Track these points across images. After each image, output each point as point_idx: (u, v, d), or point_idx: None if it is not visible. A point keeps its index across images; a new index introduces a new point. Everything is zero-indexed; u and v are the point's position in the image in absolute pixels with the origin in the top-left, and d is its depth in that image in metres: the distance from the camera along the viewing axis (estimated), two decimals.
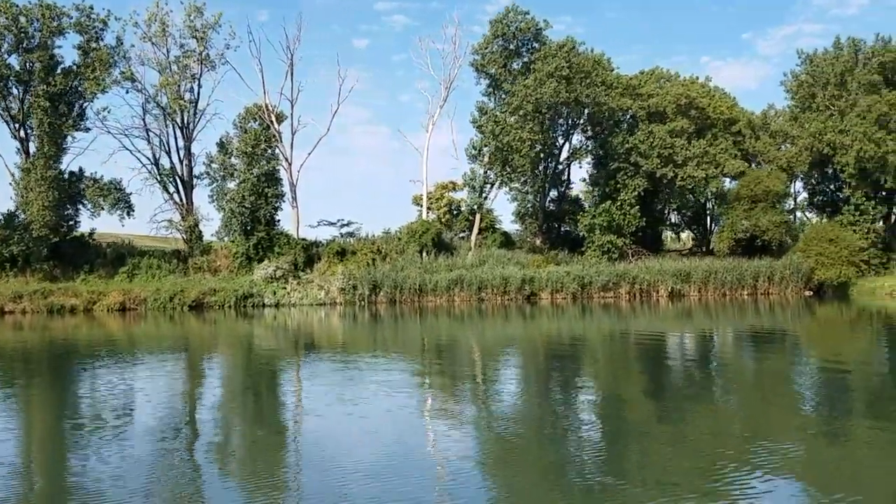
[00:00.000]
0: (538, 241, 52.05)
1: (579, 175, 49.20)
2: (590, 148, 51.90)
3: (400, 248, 45.55)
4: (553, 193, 55.13)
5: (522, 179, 54.06)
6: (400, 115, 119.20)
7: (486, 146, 45.13)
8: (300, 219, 45.91)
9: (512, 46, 46.18)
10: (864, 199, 45.54)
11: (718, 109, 51.23)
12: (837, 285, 44.17)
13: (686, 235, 64.45)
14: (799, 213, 54.26)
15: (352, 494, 7.08)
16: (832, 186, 51.35)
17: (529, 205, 53.59)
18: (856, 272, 43.72)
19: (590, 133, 52.63)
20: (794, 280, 44.42)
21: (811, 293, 44.57)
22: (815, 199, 53.61)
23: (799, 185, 55.63)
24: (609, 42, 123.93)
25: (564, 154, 53.30)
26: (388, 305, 40.62)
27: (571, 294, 42.65)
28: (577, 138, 53.78)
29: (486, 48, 45.69)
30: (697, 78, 52.84)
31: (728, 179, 51.59)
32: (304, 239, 45.69)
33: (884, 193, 47.97)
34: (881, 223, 50.57)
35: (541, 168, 53.27)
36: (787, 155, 49.14)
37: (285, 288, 40.43)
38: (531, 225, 53.51)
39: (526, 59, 46.09)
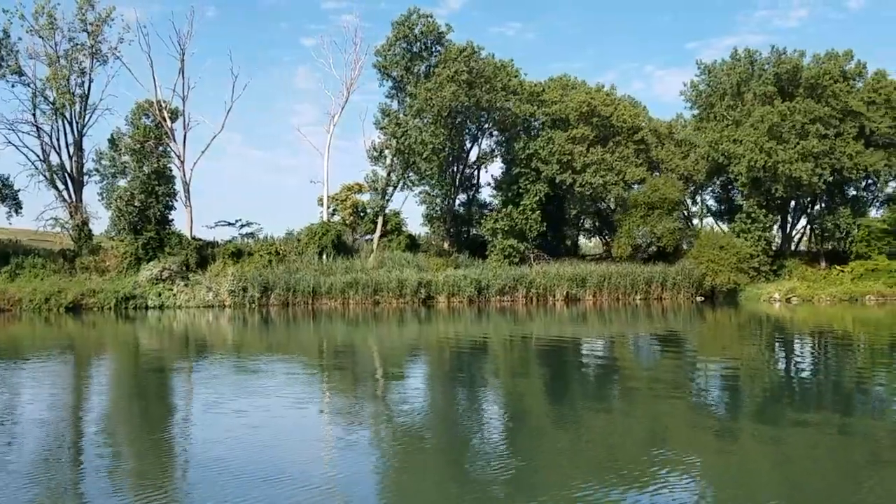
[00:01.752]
0: (446, 245, 52.06)
1: (491, 180, 49.77)
2: (496, 153, 52.19)
3: (299, 250, 44.87)
4: (463, 197, 55.29)
5: (431, 183, 54.11)
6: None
7: (386, 148, 44.82)
8: (193, 219, 44.75)
9: (415, 49, 46.02)
10: (756, 207, 46.88)
11: (622, 118, 52.14)
12: (728, 291, 45.40)
13: (596, 241, 65.57)
14: (697, 221, 55.56)
15: (245, 500, 6.69)
16: (729, 195, 52.82)
17: (437, 208, 53.56)
18: (745, 278, 44.99)
19: (498, 138, 52.95)
20: (686, 286, 45.45)
21: (702, 299, 45.67)
22: (715, 208, 55.12)
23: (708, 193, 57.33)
24: (558, 49, 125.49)
25: (473, 158, 53.48)
26: (280, 308, 39.84)
27: (468, 298, 42.66)
28: (487, 143, 54.10)
29: (388, 50, 45.42)
30: (603, 86, 53.74)
31: (637, 186, 52.58)
32: (198, 239, 44.55)
33: (779, 202, 49.50)
34: (775, 231, 52.30)
35: (449, 172, 53.38)
36: (685, 164, 50.36)
37: (171, 289, 39.27)
38: (439, 228, 53.48)
39: (429, 63, 45.98)
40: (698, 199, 57.05)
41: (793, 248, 54.13)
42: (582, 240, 67.01)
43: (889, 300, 37.28)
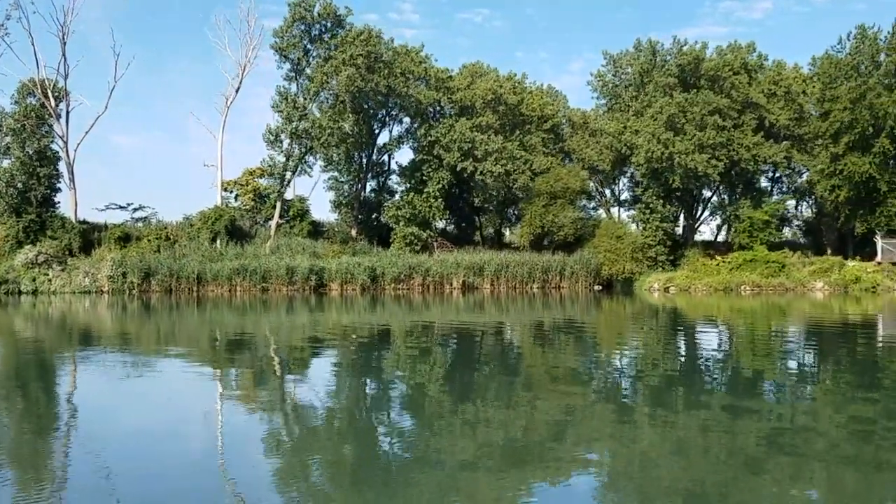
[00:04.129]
0: (354, 232, 51.48)
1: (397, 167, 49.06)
2: (404, 140, 51.69)
3: (192, 235, 43.87)
4: (374, 184, 54.75)
5: (339, 168, 53.45)
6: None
7: (282, 132, 44.00)
8: (82, 201, 43.38)
9: (315, 31, 45.17)
10: (655, 197, 47.23)
11: (531, 106, 52.06)
12: (625, 280, 45.75)
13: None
14: (605, 211, 55.86)
15: (131, 497, 6.08)
16: (632, 185, 53.21)
17: (345, 195, 52.93)
18: (641, 267, 45.34)
19: (408, 125, 52.46)
20: (585, 275, 45.68)
21: (600, 288, 45.96)
22: (620, 197, 55.54)
23: (623, 182, 57.72)
24: (525, 37, 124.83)
25: (382, 144, 52.87)
26: (162, 295, 38.89)
27: (361, 285, 42.20)
28: (398, 129, 53.55)
29: (286, 31, 44.46)
30: (515, 74, 53.50)
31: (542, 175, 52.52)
32: (85, 222, 43.27)
33: (679, 193, 49.94)
34: (681, 220, 52.91)
35: (357, 157, 52.77)
36: (591, 154, 50.53)
37: (47, 274, 38.03)
38: (347, 215, 52.88)
39: (329, 46, 45.16)
40: (614, 189, 57.56)
41: (711, 238, 54.92)
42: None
43: (764, 290, 37.88)
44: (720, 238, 56.14)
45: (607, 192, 57.43)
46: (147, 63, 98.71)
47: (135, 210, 46.63)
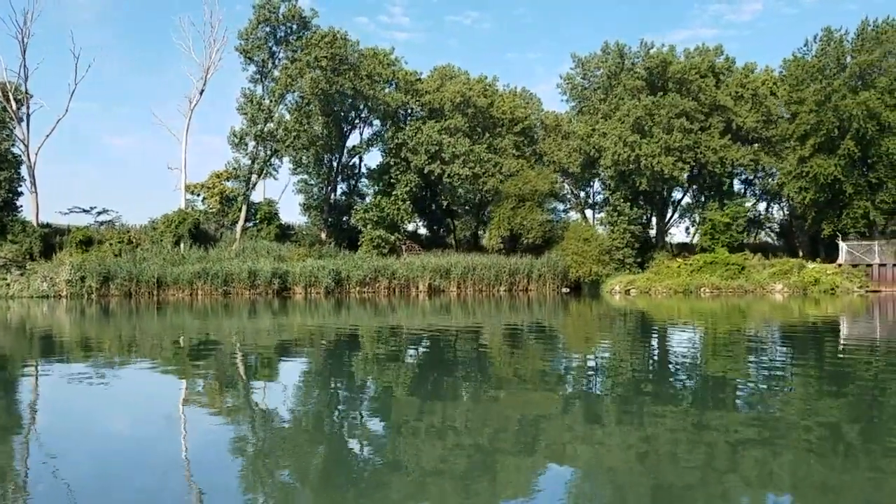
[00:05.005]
0: (323, 235, 51.23)
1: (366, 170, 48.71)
2: (374, 143, 51.47)
3: (155, 239, 43.53)
4: (344, 186, 54.53)
5: (309, 171, 53.22)
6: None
7: (246, 135, 43.74)
8: (46, 205, 43.01)
9: (280, 33, 44.95)
10: (622, 200, 47.18)
11: (501, 109, 51.99)
12: (592, 282, 45.64)
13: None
14: (575, 213, 55.82)
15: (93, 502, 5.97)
16: (601, 187, 53.21)
17: (314, 197, 52.70)
18: (609, 270, 45.24)
19: (377, 128, 52.29)
20: (552, 277, 45.57)
21: (568, 290, 45.85)
22: (594, 200, 55.50)
23: (598, 185, 57.62)
24: (515, 38, 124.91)
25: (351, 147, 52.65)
26: (122, 299, 38.49)
27: (325, 288, 41.93)
28: (368, 132, 53.34)
29: (251, 33, 44.22)
30: (486, 77, 53.42)
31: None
32: (46, 226, 42.88)
33: (648, 196, 49.91)
34: (653, 223, 52.88)
35: (327, 160, 52.55)
36: (559, 156, 50.48)
37: (6, 279, 37.63)
38: (316, 218, 52.63)
39: (295, 48, 44.95)
40: (588, 191, 57.51)
41: (687, 240, 54.88)
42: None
43: (723, 292, 37.83)
44: (696, 240, 56.24)
45: (582, 194, 57.43)
46: (147, 63, 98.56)
47: (99, 213, 46.28)
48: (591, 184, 56.18)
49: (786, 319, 23.92)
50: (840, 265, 39.10)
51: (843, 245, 40.34)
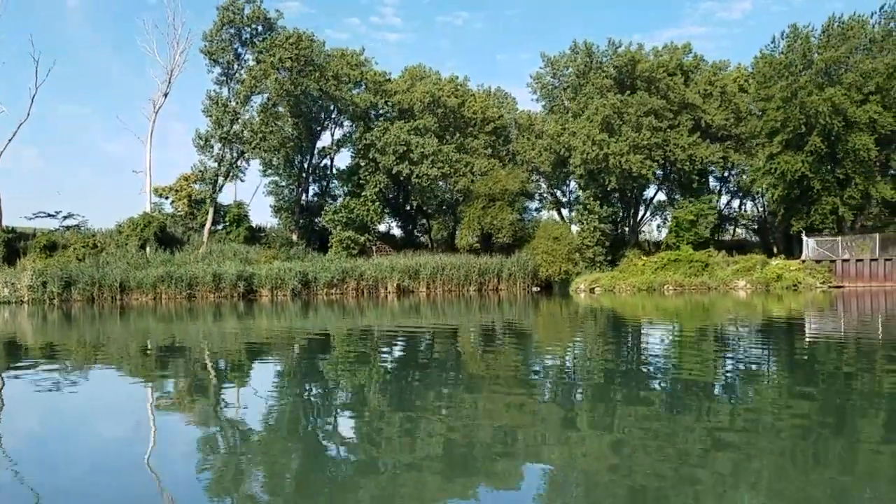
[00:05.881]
0: (295, 237, 50.95)
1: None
2: (344, 144, 51.25)
3: (121, 243, 43.16)
4: (315, 188, 54.28)
5: (279, 173, 52.96)
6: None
7: (212, 137, 43.43)
8: (8, 210, 42.55)
9: (245, 35, 44.67)
10: (592, 198, 47.08)
11: (472, 109, 51.86)
12: (562, 281, 45.50)
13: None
14: (546, 213, 55.74)
15: None
16: (572, 186, 53.13)
17: (285, 199, 52.42)
18: (579, 268, 45.12)
19: (348, 129, 52.04)
20: (522, 276, 45.42)
21: (538, 289, 45.71)
22: (569, 199, 55.39)
23: (574, 184, 57.46)
24: (505, 39, 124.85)
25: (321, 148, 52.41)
26: (84, 304, 38.13)
27: (292, 291, 41.63)
28: (340, 133, 53.10)
29: (215, 35, 43.91)
30: (457, 77, 53.27)
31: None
32: (11, 231, 42.45)
33: (618, 194, 49.87)
34: (628, 221, 52.84)
35: (297, 161, 52.30)
36: (529, 156, 50.37)
37: None
38: (287, 220, 52.34)
39: (259, 50, 44.68)
40: (564, 190, 57.39)
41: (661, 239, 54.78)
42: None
43: (686, 289, 37.75)
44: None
45: (558, 193, 57.27)
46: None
47: (65, 218, 45.85)
48: (568, 182, 56.11)
49: (750, 316, 23.79)
50: (804, 261, 39.07)
51: (807, 240, 40.36)
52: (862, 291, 35.37)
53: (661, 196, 54.51)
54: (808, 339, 16.38)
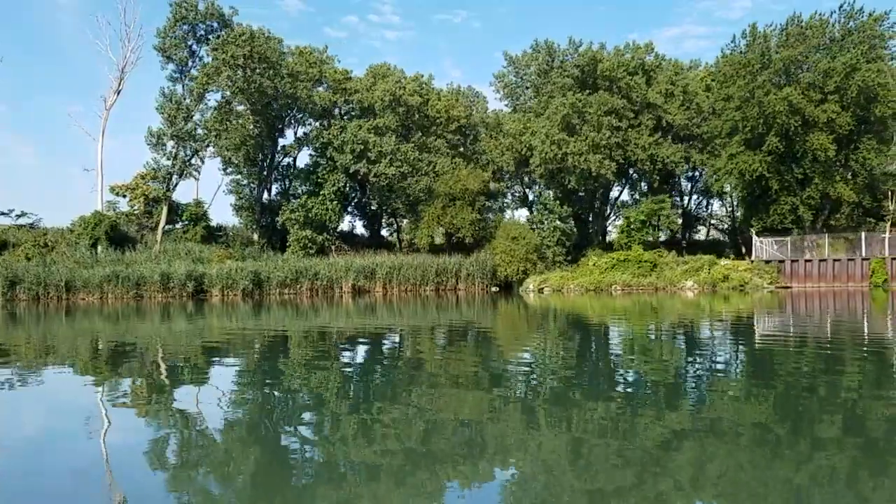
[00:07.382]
0: (256, 236, 50.44)
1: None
2: (305, 142, 50.77)
3: (72, 241, 42.60)
4: (278, 186, 53.73)
5: (241, 171, 52.41)
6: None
7: (164, 135, 42.91)
8: None
9: (200, 32, 44.20)
10: (552, 198, 46.74)
11: (435, 108, 51.43)
12: (520, 281, 45.11)
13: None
14: (511, 213, 55.39)
15: None
16: (534, 186, 52.79)
17: (246, 198, 51.88)
18: (537, 268, 44.73)
19: (311, 127, 51.57)
20: (481, 276, 45.03)
21: (497, 289, 45.32)
22: (529, 198, 55.04)
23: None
24: (502, 37, 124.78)
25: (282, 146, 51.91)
26: (29, 303, 37.56)
27: (243, 291, 41.11)
28: (302, 131, 52.60)
29: (169, 31, 43.42)
30: (421, 75, 52.83)
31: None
32: None
33: (580, 194, 49.57)
34: (598, 222, 52.49)
35: (259, 160, 51.77)
36: (493, 155, 50.01)
37: None
38: (248, 219, 51.81)
39: (214, 46, 44.20)
40: (527, 190, 57.04)
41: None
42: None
43: (634, 290, 37.42)
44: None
45: (526, 192, 56.90)
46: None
47: (18, 216, 45.23)
48: (535, 182, 55.80)
49: (696, 316, 23.48)
50: (752, 261, 38.79)
51: (756, 241, 40.10)
52: (810, 292, 35.10)
53: (626, 196, 54.30)
54: (758, 339, 16.13)
